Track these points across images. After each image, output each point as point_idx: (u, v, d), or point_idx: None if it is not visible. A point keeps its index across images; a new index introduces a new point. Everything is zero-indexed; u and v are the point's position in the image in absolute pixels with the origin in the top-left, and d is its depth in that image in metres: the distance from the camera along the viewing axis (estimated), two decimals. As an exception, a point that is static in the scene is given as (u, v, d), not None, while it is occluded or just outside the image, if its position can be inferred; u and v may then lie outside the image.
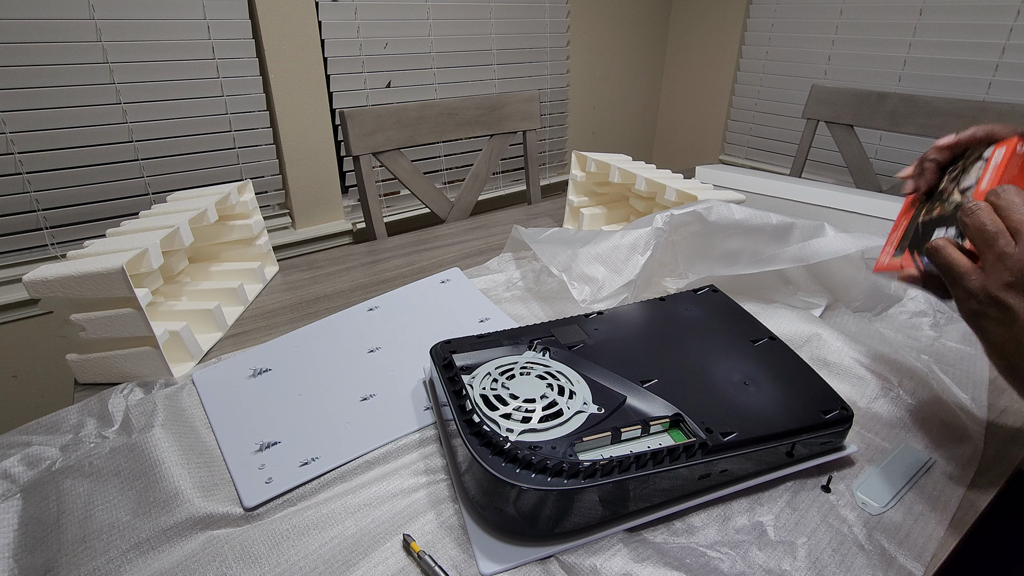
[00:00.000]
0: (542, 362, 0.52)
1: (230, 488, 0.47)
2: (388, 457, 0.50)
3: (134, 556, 0.41)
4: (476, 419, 0.44)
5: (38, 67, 1.13)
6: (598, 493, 0.40)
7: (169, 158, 1.33)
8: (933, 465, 0.48)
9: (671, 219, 0.71)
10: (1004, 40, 1.42)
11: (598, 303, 0.68)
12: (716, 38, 2.07)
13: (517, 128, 1.27)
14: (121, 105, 1.23)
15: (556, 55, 1.91)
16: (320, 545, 0.42)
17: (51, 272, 0.55)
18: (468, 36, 1.69)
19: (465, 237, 1.00)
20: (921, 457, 0.49)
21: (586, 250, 0.72)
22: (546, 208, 1.16)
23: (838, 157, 1.63)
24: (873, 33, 1.65)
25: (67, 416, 0.54)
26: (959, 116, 1.15)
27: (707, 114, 2.18)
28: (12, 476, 0.47)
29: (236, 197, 0.78)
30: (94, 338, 0.58)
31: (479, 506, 0.43)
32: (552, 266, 0.73)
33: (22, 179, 1.17)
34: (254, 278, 0.80)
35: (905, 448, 0.50)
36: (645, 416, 0.46)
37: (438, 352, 0.53)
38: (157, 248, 0.60)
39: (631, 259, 0.70)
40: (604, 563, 0.39)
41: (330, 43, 1.46)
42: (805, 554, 0.41)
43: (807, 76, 1.83)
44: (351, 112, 1.06)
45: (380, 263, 0.89)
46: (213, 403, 0.56)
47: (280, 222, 1.57)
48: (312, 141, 1.51)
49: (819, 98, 1.36)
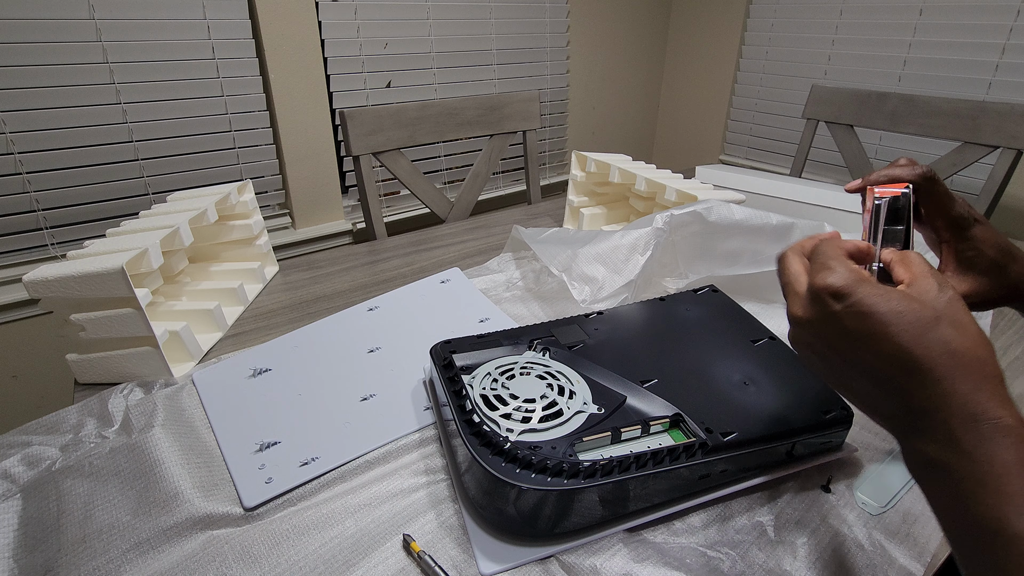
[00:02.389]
0: (542, 362, 0.52)
1: (230, 488, 0.47)
2: (388, 457, 0.50)
3: (134, 556, 0.41)
4: (476, 419, 0.44)
5: (38, 67, 1.13)
6: (598, 493, 0.40)
7: (169, 158, 1.33)
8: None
9: (671, 219, 0.71)
10: (1004, 40, 1.42)
11: (598, 303, 0.68)
12: (716, 38, 2.07)
13: (517, 128, 1.27)
14: (121, 105, 1.23)
15: (556, 55, 1.91)
16: (320, 545, 0.42)
17: (51, 272, 0.55)
18: (468, 36, 1.69)
19: (465, 237, 0.99)
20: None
21: (586, 250, 0.72)
22: (546, 208, 1.16)
23: (838, 157, 1.62)
24: (873, 33, 1.65)
25: (67, 416, 0.54)
26: (959, 116, 1.15)
27: (707, 114, 2.18)
28: (12, 476, 0.47)
29: (236, 197, 0.78)
30: (94, 338, 0.58)
31: (479, 506, 0.43)
32: (552, 266, 0.73)
33: (22, 179, 1.17)
34: (254, 278, 0.80)
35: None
36: (645, 416, 0.46)
37: (438, 352, 0.53)
38: (157, 248, 0.60)
39: (631, 259, 0.71)
40: (604, 563, 0.39)
41: (330, 43, 1.46)
42: (805, 554, 0.41)
43: (807, 76, 1.83)
44: (351, 112, 1.06)
45: (380, 263, 0.89)
46: (213, 403, 0.56)
47: (280, 222, 1.57)
48: (312, 141, 1.51)
49: (819, 98, 1.36)
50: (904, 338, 0.29)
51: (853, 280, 0.31)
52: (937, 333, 0.29)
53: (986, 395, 0.28)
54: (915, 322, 0.30)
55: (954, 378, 0.29)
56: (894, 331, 0.30)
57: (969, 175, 1.49)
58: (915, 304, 0.30)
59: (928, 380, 0.29)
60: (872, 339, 0.30)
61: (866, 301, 0.30)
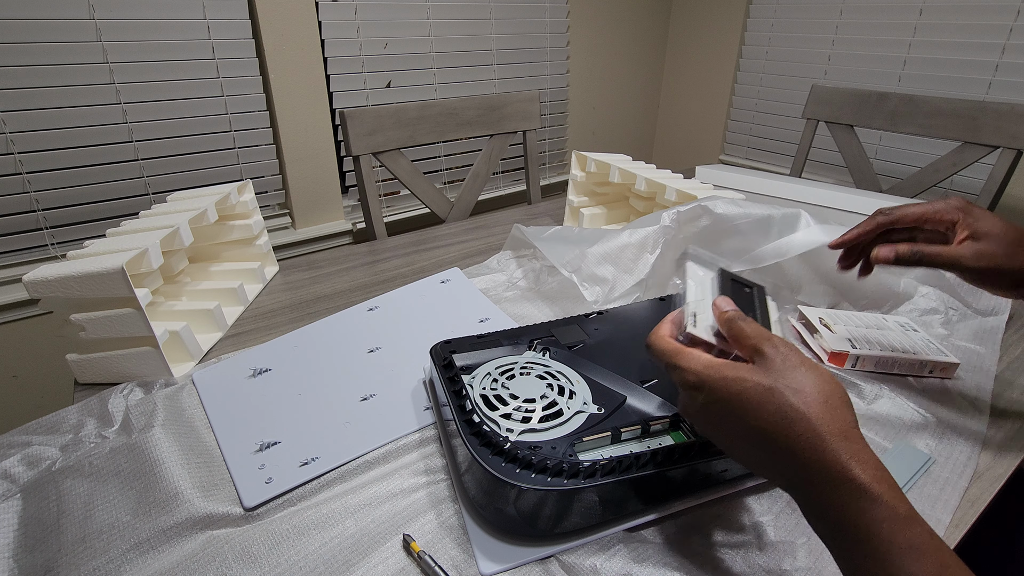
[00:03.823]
0: (542, 362, 0.52)
1: (230, 488, 0.47)
2: (388, 457, 0.50)
3: (134, 556, 0.41)
4: (476, 419, 0.44)
5: (38, 67, 1.13)
6: (598, 493, 0.40)
7: (169, 158, 1.33)
8: (933, 464, 0.48)
9: (678, 215, 0.71)
10: (1004, 40, 1.42)
11: (610, 303, 0.68)
12: (716, 38, 2.07)
13: (517, 128, 1.27)
14: (121, 105, 1.23)
15: (556, 55, 1.91)
16: (320, 545, 0.42)
17: (51, 272, 0.55)
18: (468, 36, 1.69)
19: (465, 237, 0.99)
20: (921, 456, 0.49)
21: (594, 250, 0.72)
22: (546, 208, 1.16)
23: (838, 157, 1.63)
24: (873, 33, 1.65)
25: (67, 416, 0.54)
26: (959, 116, 1.15)
27: (707, 114, 2.18)
28: (12, 476, 0.47)
29: (236, 197, 0.78)
30: (94, 338, 0.58)
31: (479, 506, 0.43)
32: (560, 266, 0.73)
33: (22, 179, 1.17)
34: (254, 278, 0.80)
35: (905, 447, 0.50)
36: (645, 416, 0.46)
37: (438, 352, 0.53)
38: (157, 248, 0.60)
39: (641, 258, 0.70)
40: (604, 563, 0.39)
41: (330, 43, 1.46)
42: (805, 554, 0.40)
43: (807, 76, 1.83)
44: (351, 112, 1.06)
45: (380, 263, 0.89)
46: (213, 403, 0.56)
47: (280, 222, 1.57)
48: (312, 141, 1.51)
49: (819, 98, 1.36)
50: (751, 418, 0.32)
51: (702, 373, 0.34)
52: (774, 405, 0.31)
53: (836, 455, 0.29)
54: (755, 399, 0.32)
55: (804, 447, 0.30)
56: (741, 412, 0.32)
57: (969, 175, 1.49)
58: (748, 382, 0.33)
59: (784, 450, 0.31)
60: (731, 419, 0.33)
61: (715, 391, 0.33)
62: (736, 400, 0.33)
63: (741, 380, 0.33)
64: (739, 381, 0.33)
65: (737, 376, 0.33)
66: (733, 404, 0.33)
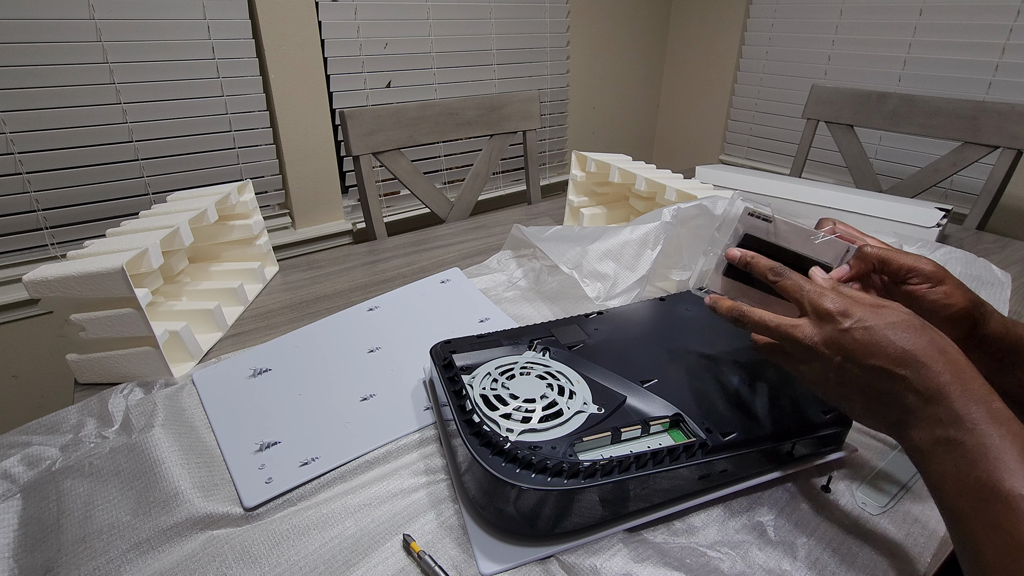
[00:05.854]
0: (542, 362, 0.52)
1: (230, 488, 0.47)
2: (388, 457, 0.50)
3: (134, 556, 0.41)
4: (476, 419, 0.44)
5: (38, 67, 1.13)
6: (598, 493, 0.40)
7: (169, 158, 1.32)
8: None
9: (678, 212, 0.71)
10: (1004, 40, 1.42)
11: (612, 299, 0.68)
12: (716, 38, 2.07)
13: (517, 128, 1.27)
14: (121, 105, 1.23)
15: (556, 55, 1.91)
16: (320, 545, 0.42)
17: (51, 272, 0.55)
18: (468, 36, 1.69)
19: (465, 237, 1.00)
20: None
21: (595, 247, 0.72)
22: (546, 208, 1.16)
23: (838, 157, 1.63)
24: (873, 33, 1.65)
25: (67, 416, 0.54)
26: (959, 116, 1.15)
27: (707, 114, 2.18)
28: (12, 476, 0.47)
29: (236, 197, 0.78)
30: (94, 338, 0.58)
31: (479, 506, 0.43)
32: (562, 264, 0.73)
33: (22, 179, 1.17)
34: (254, 278, 0.80)
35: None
36: (645, 416, 0.46)
37: (438, 352, 0.53)
38: (157, 248, 0.60)
39: (642, 254, 0.70)
40: (604, 563, 0.39)
41: (330, 43, 1.46)
42: (805, 554, 0.41)
43: (807, 76, 1.83)
44: (351, 112, 1.06)
45: (380, 263, 0.89)
46: (213, 403, 0.56)
47: (280, 222, 1.57)
48: (312, 141, 1.51)
49: (819, 98, 1.36)
50: (905, 342, 0.36)
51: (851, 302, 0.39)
52: (927, 336, 0.36)
53: (977, 383, 0.35)
54: (908, 329, 0.37)
55: (950, 370, 0.35)
56: (894, 337, 0.36)
57: (969, 175, 1.49)
58: (903, 316, 0.38)
59: (930, 372, 0.35)
60: (874, 348, 0.37)
61: (867, 317, 0.37)
62: (890, 328, 0.36)
63: (896, 310, 0.38)
64: (895, 311, 0.38)
65: (891, 307, 0.38)
66: (886, 331, 0.36)
